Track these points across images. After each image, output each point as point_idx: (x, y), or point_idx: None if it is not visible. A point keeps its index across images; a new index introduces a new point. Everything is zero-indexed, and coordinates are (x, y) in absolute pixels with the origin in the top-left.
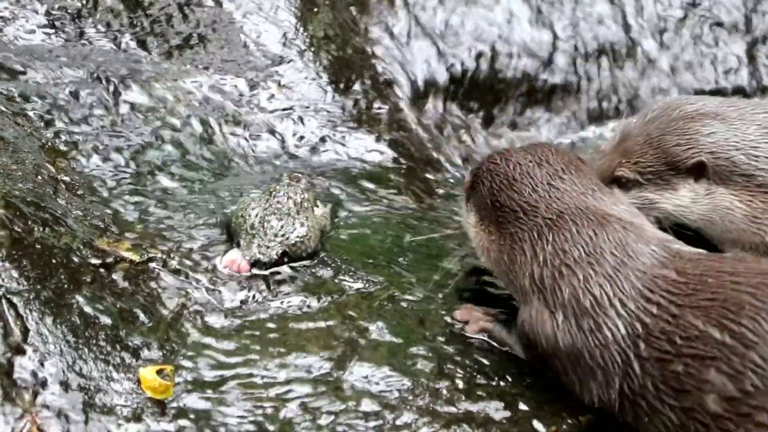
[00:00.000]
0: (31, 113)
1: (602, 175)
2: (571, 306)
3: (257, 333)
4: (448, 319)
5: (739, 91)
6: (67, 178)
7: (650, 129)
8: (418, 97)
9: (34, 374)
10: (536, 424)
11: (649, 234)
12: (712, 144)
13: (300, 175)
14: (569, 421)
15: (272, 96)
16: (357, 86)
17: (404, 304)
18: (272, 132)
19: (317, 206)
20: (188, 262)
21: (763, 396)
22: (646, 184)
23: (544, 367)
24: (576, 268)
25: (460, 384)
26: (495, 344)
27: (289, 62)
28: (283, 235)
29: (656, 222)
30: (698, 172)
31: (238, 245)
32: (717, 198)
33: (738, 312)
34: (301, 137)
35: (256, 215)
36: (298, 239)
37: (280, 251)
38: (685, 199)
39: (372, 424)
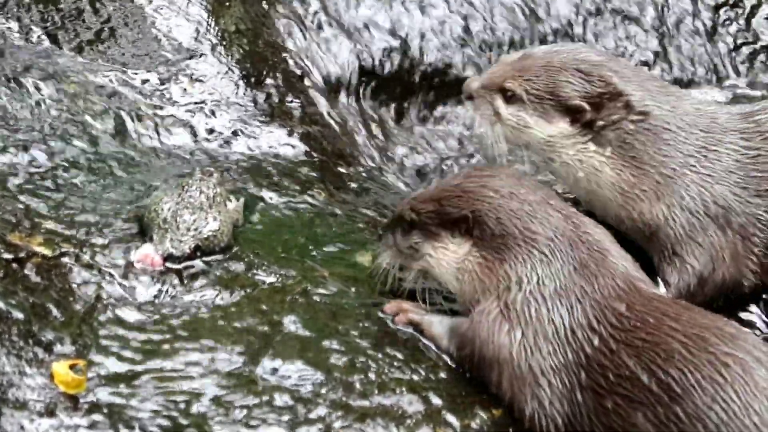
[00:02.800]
0: None
1: (492, 81)
2: (534, 328)
3: (170, 327)
4: (361, 312)
5: None
6: None
7: (553, 58)
8: (331, 91)
9: None
10: (449, 417)
11: (620, 268)
12: (604, 95)
13: (212, 169)
14: (482, 414)
15: (184, 90)
16: (269, 80)
17: (317, 298)
18: (184, 126)
19: (230, 200)
20: (101, 257)
21: None
22: (527, 104)
23: (465, 366)
24: (548, 297)
25: (374, 377)
26: (411, 338)
27: (200, 56)
28: (195, 230)
29: (525, 155)
30: (575, 114)
31: (151, 240)
32: (587, 153)
33: (667, 360)
34: (213, 131)
35: (169, 209)
36: (210, 233)
37: (193, 245)
38: (555, 135)
39: (285, 417)
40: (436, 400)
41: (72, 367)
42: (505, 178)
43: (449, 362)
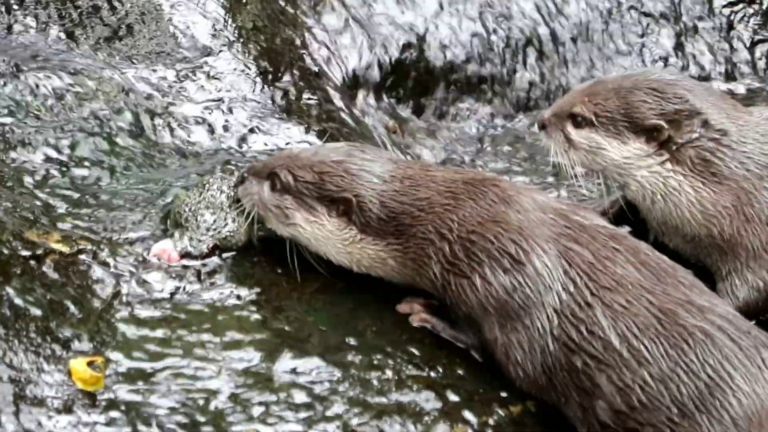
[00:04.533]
0: None
1: (561, 108)
2: (490, 265)
3: (188, 324)
4: (378, 309)
5: None
6: None
7: (624, 81)
8: (348, 88)
9: None
10: (467, 414)
11: (542, 201)
12: (682, 113)
13: (233, 167)
14: (500, 411)
15: (201, 87)
16: (286, 77)
17: (335, 296)
18: (201, 123)
19: None
20: (118, 254)
21: (648, 413)
22: (598, 126)
23: (484, 357)
24: (483, 230)
25: (391, 375)
26: (428, 335)
27: (218, 53)
28: (215, 229)
29: (601, 178)
30: (651, 134)
31: (172, 236)
32: (664, 172)
33: (643, 331)
34: (230, 128)
35: (189, 208)
36: (229, 233)
37: (211, 245)
38: (631, 155)
39: (303, 415)
40: (454, 397)
41: (90, 364)
42: (384, 163)
43: (468, 359)
